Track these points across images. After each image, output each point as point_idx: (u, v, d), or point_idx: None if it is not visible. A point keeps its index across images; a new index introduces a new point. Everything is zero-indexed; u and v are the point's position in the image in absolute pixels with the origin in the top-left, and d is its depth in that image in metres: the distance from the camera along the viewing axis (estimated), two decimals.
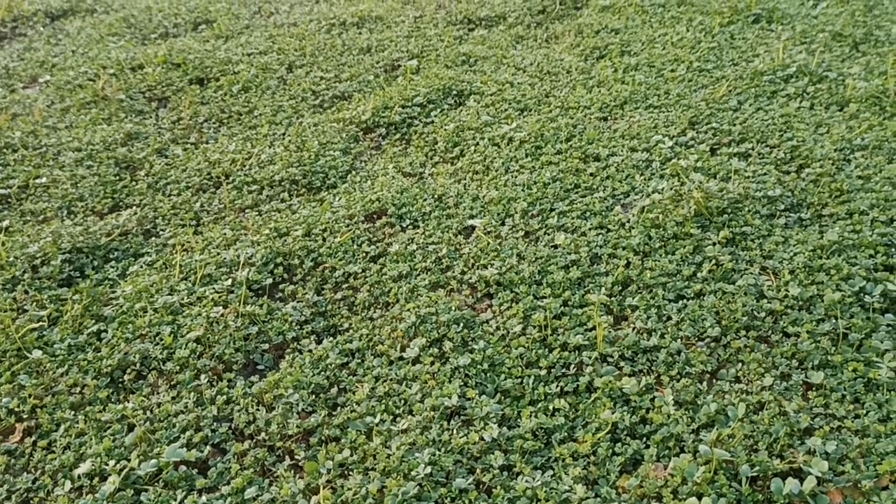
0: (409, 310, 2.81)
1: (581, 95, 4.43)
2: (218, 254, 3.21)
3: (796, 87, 4.21)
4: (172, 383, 2.57)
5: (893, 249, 2.89)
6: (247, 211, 3.62)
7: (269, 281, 3.05)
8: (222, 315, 2.81)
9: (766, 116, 3.94)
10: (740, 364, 2.47)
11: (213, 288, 2.98)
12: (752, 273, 2.84)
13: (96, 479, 2.20)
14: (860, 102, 3.99)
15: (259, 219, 3.51)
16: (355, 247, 3.23)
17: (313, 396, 2.47)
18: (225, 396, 2.48)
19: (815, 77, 4.31)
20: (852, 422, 2.21)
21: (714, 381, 2.44)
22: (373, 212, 3.48)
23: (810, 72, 4.35)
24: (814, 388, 2.36)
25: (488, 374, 2.51)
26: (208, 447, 2.28)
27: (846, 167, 3.42)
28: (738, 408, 2.22)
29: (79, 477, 2.20)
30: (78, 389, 2.56)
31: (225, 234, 3.37)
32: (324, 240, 3.29)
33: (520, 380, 2.48)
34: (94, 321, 2.87)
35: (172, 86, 5.03)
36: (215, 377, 2.59)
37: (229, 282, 3.00)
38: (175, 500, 2.10)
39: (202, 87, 5.06)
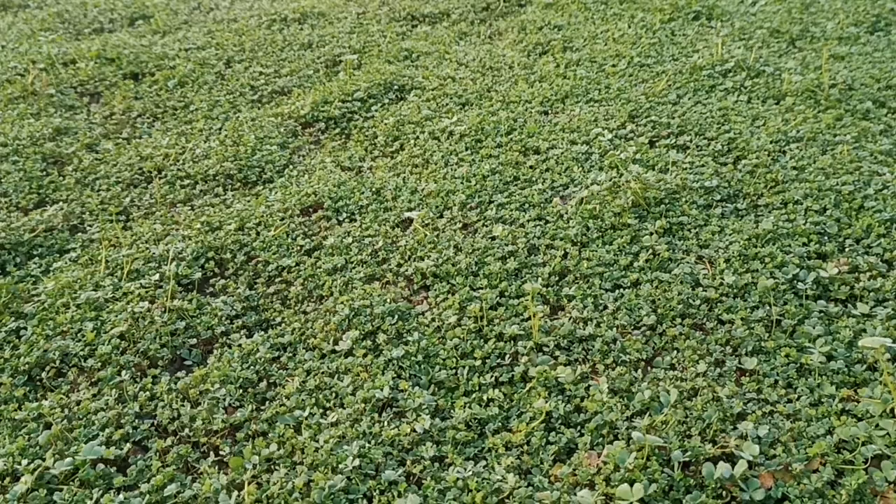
0: (342, 303, 2.74)
1: (523, 90, 4.41)
2: (147, 249, 3.10)
3: (734, 82, 4.24)
4: (93, 380, 2.46)
5: (826, 237, 2.91)
6: (178, 206, 3.51)
7: (200, 275, 2.95)
8: (148, 310, 2.71)
9: (704, 110, 3.97)
10: (675, 351, 2.46)
11: (140, 283, 2.87)
12: (688, 262, 2.84)
13: (8, 479, 2.09)
14: (796, 96, 4.03)
15: (191, 213, 3.41)
16: (290, 240, 3.15)
17: (241, 391, 2.38)
18: (148, 393, 2.38)
19: (753, 72, 4.35)
20: (784, 406, 2.20)
21: (649, 368, 2.42)
22: (309, 205, 3.41)
23: (748, 66, 4.39)
24: (747, 374, 2.35)
25: (422, 366, 2.45)
26: (128, 444, 2.18)
27: (781, 158, 3.45)
28: (672, 394, 2.20)
29: None
30: None
31: (155, 228, 3.26)
32: (257, 234, 3.20)
33: (454, 371, 2.43)
34: (13, 318, 2.75)
35: (105, 81, 4.88)
36: (139, 373, 2.49)
37: (157, 277, 2.90)
38: (91, 499, 2.00)
39: (136, 82, 4.92)
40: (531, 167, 3.58)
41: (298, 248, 3.11)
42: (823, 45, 4.67)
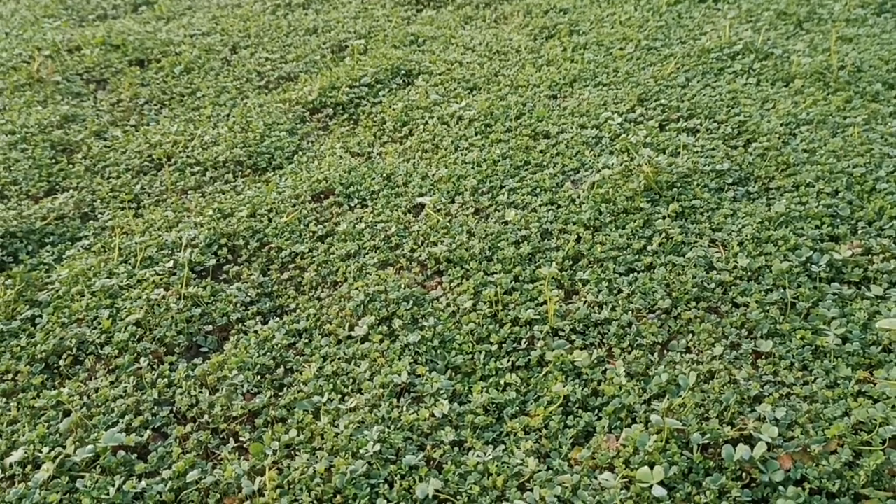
0: (357, 288, 2.75)
1: (530, 74, 4.40)
2: (159, 236, 3.11)
3: (743, 64, 4.23)
4: (111, 368, 2.47)
5: (838, 220, 2.91)
6: (189, 192, 3.51)
7: (213, 262, 2.96)
8: (163, 297, 2.72)
9: (713, 93, 3.96)
10: (691, 335, 2.46)
11: (154, 270, 2.88)
12: (701, 245, 2.84)
13: (29, 467, 2.10)
14: (805, 78, 4.02)
15: (202, 200, 3.41)
16: (302, 227, 3.15)
17: (259, 377, 2.39)
18: (166, 380, 2.39)
19: (761, 54, 4.34)
20: (801, 388, 2.21)
21: (665, 352, 2.42)
22: (320, 191, 3.41)
23: (756, 49, 4.37)
24: (763, 357, 2.36)
25: (439, 351, 2.46)
26: (148, 431, 2.20)
27: (792, 141, 3.44)
28: (689, 377, 2.21)
29: (11, 465, 2.10)
30: (10, 376, 2.45)
31: (167, 216, 3.26)
32: (269, 220, 3.21)
33: (471, 356, 2.44)
34: (28, 306, 2.75)
35: (111, 67, 4.87)
36: (156, 360, 2.50)
37: (171, 264, 2.90)
38: (113, 485, 2.01)
39: (143, 68, 4.91)
40: (541, 151, 3.57)
41: (311, 234, 3.11)
42: (831, 27, 4.66)
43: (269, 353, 2.49)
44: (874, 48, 4.30)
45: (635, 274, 2.74)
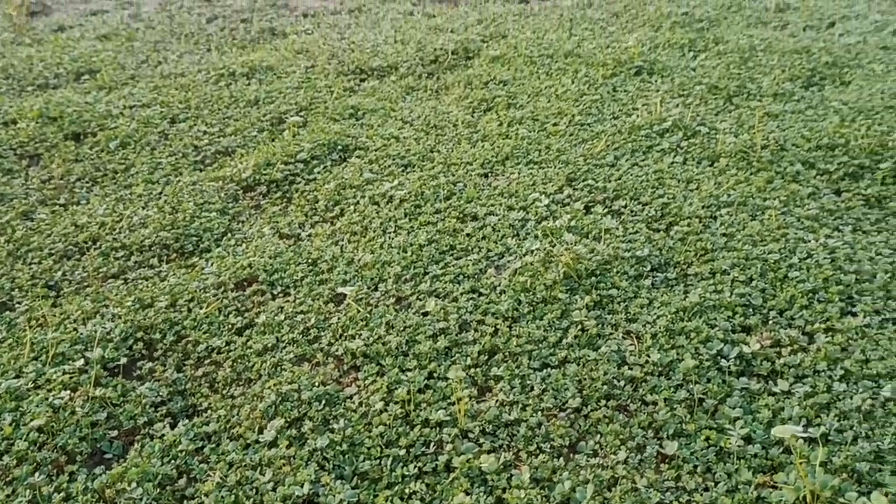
0: (270, 387, 2.72)
1: (465, 151, 4.45)
2: (74, 329, 3.06)
3: (670, 142, 4.32)
4: (8, 479, 2.41)
5: (750, 310, 2.96)
6: (111, 280, 3.47)
7: (126, 359, 2.92)
8: (71, 399, 2.67)
9: (640, 172, 4.02)
10: (599, 435, 2.47)
11: (63, 369, 2.83)
12: (615, 338, 2.86)
13: None
14: (729, 157, 4.11)
15: (124, 288, 3.37)
16: (222, 318, 3.12)
17: (159, 490, 2.34)
18: (64, 493, 2.34)
19: (689, 131, 4.43)
20: (701, 495, 2.22)
21: (572, 455, 2.42)
22: (244, 278, 3.39)
23: (685, 126, 4.47)
24: (667, 461, 2.37)
25: (347, 456, 2.44)
26: None
27: (712, 224, 3.51)
28: (588, 490, 2.21)
29: None
30: None
31: (84, 306, 3.22)
32: (189, 310, 3.18)
33: (378, 461, 2.42)
34: None
35: (46, 142, 4.84)
36: (56, 471, 2.44)
37: (82, 361, 2.85)
38: None
39: (78, 143, 4.88)
40: (468, 235, 3.60)
41: (230, 326, 3.09)
42: (759, 104, 4.78)
43: (173, 461, 2.44)
44: (798, 125, 4.41)
45: (549, 370, 2.75)
